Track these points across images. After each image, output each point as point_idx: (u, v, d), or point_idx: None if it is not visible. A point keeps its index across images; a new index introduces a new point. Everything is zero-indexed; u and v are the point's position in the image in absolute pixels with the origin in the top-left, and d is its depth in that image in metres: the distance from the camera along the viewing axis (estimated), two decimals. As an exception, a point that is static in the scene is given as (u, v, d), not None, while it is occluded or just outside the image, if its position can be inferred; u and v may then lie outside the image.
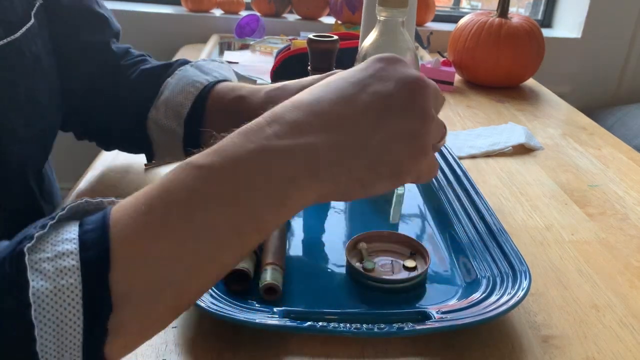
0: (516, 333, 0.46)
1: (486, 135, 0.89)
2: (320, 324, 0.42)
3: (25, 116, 0.53)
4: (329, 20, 1.63)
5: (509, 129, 0.91)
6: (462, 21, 1.23)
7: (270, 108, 0.36)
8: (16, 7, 0.52)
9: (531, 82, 1.26)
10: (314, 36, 0.64)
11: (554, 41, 1.65)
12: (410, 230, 0.59)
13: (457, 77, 1.25)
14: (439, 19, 1.71)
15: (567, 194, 0.72)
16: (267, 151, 0.33)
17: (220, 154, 0.33)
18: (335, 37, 0.63)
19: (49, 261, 0.29)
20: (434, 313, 0.45)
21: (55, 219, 0.31)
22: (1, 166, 0.51)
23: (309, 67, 0.65)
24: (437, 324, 0.43)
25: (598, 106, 1.75)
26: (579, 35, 1.69)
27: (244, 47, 1.38)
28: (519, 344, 0.45)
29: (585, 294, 0.52)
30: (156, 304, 0.31)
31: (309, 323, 0.42)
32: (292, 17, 1.62)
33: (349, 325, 0.43)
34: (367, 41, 0.55)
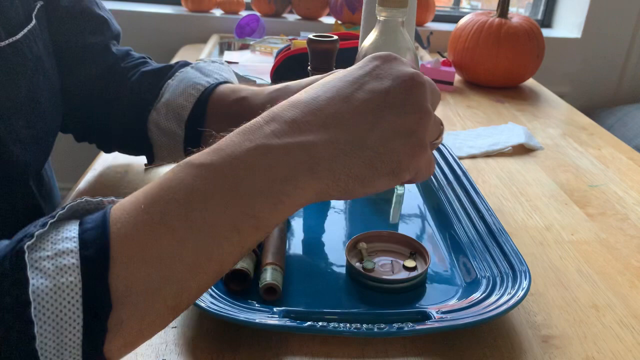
0: (516, 333, 0.46)
1: (486, 135, 0.89)
2: (320, 324, 0.42)
3: (25, 117, 0.53)
4: (329, 20, 1.63)
5: (509, 129, 0.91)
6: (462, 21, 1.23)
7: (270, 108, 0.36)
8: (17, 8, 0.52)
9: (531, 82, 1.26)
10: (314, 36, 0.64)
11: (554, 41, 1.66)
12: (410, 230, 0.59)
13: (457, 77, 1.25)
14: (439, 19, 1.72)
15: (567, 194, 0.72)
16: (265, 149, 0.33)
17: (219, 153, 0.33)
18: (335, 37, 0.63)
19: (49, 259, 0.29)
20: (434, 313, 0.45)
21: (56, 217, 0.31)
22: (1, 166, 0.51)
23: (309, 67, 0.65)
24: (437, 324, 0.43)
25: (598, 106, 1.75)
26: (579, 35, 1.69)
27: (244, 47, 1.38)
28: (519, 344, 0.44)
29: (585, 294, 0.52)
30: (156, 302, 0.31)
31: (309, 323, 0.42)
32: (292, 17, 1.62)
33: (349, 325, 0.43)
34: (367, 41, 0.55)
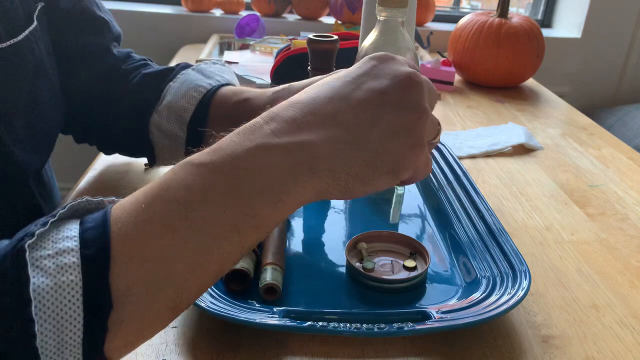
0: (516, 333, 0.46)
1: (486, 135, 0.89)
2: (320, 324, 0.42)
3: (26, 118, 0.53)
4: (329, 20, 1.63)
5: (509, 129, 0.91)
6: (462, 21, 1.23)
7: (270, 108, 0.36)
8: (18, 10, 0.52)
9: (531, 82, 1.26)
10: (314, 36, 0.64)
11: (554, 41, 1.66)
12: (410, 230, 0.59)
13: (457, 77, 1.25)
14: (439, 19, 1.72)
15: (567, 194, 0.72)
16: (265, 149, 0.33)
17: (219, 152, 0.33)
18: (335, 37, 0.63)
19: (50, 258, 0.29)
20: (433, 313, 0.45)
21: (56, 216, 0.31)
22: (1, 166, 0.51)
23: (309, 67, 0.65)
24: (437, 324, 0.43)
25: (598, 106, 1.75)
26: (579, 35, 1.69)
27: (244, 47, 1.37)
28: (519, 344, 0.45)
29: (585, 294, 0.52)
30: (156, 301, 0.31)
31: (309, 323, 0.42)
32: (292, 17, 1.62)
33: (349, 325, 0.43)
34: (367, 41, 0.55)
